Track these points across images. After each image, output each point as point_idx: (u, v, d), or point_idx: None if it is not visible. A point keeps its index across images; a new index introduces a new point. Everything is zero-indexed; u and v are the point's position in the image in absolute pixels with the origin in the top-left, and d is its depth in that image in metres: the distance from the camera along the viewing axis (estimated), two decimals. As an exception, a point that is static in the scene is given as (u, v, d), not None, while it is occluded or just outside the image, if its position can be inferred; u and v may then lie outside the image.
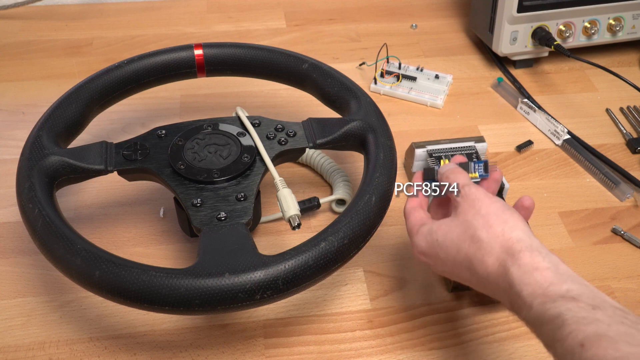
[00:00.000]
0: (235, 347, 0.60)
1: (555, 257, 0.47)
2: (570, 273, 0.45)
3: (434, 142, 0.74)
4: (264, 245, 0.69)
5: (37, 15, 1.06)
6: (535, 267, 0.45)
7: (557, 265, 0.46)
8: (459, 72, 0.95)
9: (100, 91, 0.68)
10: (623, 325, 0.39)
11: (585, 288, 0.43)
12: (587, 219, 0.73)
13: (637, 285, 0.66)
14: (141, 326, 0.62)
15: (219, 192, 0.59)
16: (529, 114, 0.86)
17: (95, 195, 0.74)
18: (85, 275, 0.51)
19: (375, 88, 0.91)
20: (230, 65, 0.73)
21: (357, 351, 0.60)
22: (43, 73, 0.94)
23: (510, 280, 0.46)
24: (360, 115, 0.65)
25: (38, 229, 0.54)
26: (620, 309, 0.41)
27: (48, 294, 0.64)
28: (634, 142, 0.82)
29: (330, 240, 0.53)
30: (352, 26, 1.05)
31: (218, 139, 0.64)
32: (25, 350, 0.60)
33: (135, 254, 0.68)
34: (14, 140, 0.82)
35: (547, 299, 0.43)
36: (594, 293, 0.43)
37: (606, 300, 0.42)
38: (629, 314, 0.41)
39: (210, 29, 1.04)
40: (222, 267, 0.50)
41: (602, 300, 0.42)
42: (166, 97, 0.88)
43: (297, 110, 0.87)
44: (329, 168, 0.75)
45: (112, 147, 0.62)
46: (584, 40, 0.93)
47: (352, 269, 0.67)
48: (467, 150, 0.73)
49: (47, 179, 0.58)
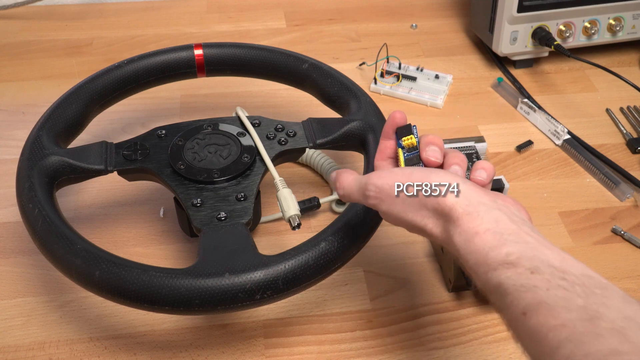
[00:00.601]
0: (235, 347, 0.60)
1: (495, 212, 0.43)
2: (510, 229, 0.42)
3: None
4: (264, 245, 0.69)
5: (37, 15, 1.06)
6: (475, 232, 0.42)
7: (497, 222, 0.42)
8: (459, 72, 0.95)
9: (100, 91, 0.68)
10: (560, 289, 0.37)
11: (525, 246, 0.41)
12: (587, 219, 0.73)
13: (637, 285, 0.66)
14: (141, 326, 0.62)
15: (219, 192, 0.59)
16: (529, 114, 0.86)
17: (95, 195, 0.74)
18: (85, 275, 0.51)
19: (375, 88, 0.91)
20: (230, 65, 0.73)
21: (357, 351, 0.60)
22: (43, 73, 0.94)
23: (457, 249, 0.43)
24: (360, 115, 0.65)
25: (38, 229, 0.54)
26: (558, 268, 0.39)
27: (48, 294, 0.64)
28: (634, 142, 0.82)
29: (330, 240, 0.53)
30: (352, 26, 1.05)
31: (218, 139, 0.64)
32: (25, 350, 0.60)
33: (135, 254, 0.68)
34: (14, 140, 0.82)
35: (488, 267, 0.41)
36: (534, 251, 0.40)
37: (545, 260, 0.39)
38: (567, 272, 0.38)
39: (210, 29, 1.04)
40: (222, 267, 0.50)
41: (541, 260, 0.39)
42: (166, 97, 0.88)
43: (297, 110, 0.87)
44: (329, 168, 0.75)
45: (112, 147, 0.62)
46: (584, 40, 0.93)
47: (352, 269, 0.67)
48: (467, 150, 0.73)
49: (47, 179, 0.58)
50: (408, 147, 0.51)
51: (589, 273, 0.39)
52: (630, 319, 0.35)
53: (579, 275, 0.38)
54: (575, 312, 0.36)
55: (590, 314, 0.35)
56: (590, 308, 0.36)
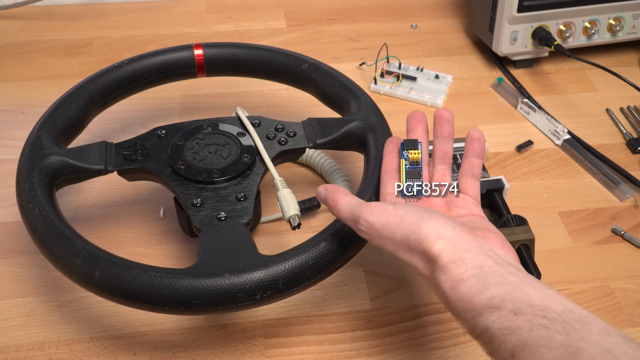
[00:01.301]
0: (235, 347, 0.60)
1: (481, 257, 0.43)
2: (494, 272, 0.42)
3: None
4: (264, 245, 0.69)
5: (37, 15, 1.06)
6: (461, 279, 0.43)
7: (481, 268, 0.43)
8: (459, 72, 0.95)
9: (100, 91, 0.68)
10: (542, 328, 0.38)
11: (508, 287, 0.41)
12: (587, 219, 0.73)
13: (637, 285, 0.66)
14: (141, 326, 0.62)
15: (219, 192, 0.59)
16: (529, 114, 0.86)
17: (95, 195, 0.74)
18: (85, 275, 0.51)
19: (375, 88, 0.91)
20: (230, 65, 0.73)
21: (357, 351, 0.60)
22: (43, 73, 0.94)
23: (444, 294, 0.44)
24: (360, 115, 0.65)
25: (38, 229, 0.54)
26: (539, 306, 0.39)
27: (48, 294, 0.64)
28: (634, 142, 0.82)
29: (330, 240, 0.53)
30: (352, 26, 1.05)
31: (218, 139, 0.64)
32: (25, 350, 0.60)
33: (135, 254, 0.68)
34: (14, 140, 0.82)
35: (474, 312, 0.41)
36: (517, 291, 0.41)
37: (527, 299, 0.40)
38: (548, 310, 0.39)
39: (210, 29, 1.04)
40: (222, 267, 0.50)
41: (522, 300, 0.40)
42: (166, 97, 0.88)
43: (297, 110, 0.87)
44: (329, 168, 0.75)
45: (112, 147, 0.62)
46: (584, 40, 0.93)
47: (352, 269, 0.67)
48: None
49: (47, 179, 0.58)
50: (411, 161, 0.55)
51: (570, 307, 0.39)
52: (609, 351, 0.36)
53: (560, 311, 0.39)
54: (556, 351, 0.36)
55: (570, 351, 0.36)
56: (570, 345, 0.36)
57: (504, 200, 0.68)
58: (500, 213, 0.66)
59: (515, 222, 0.64)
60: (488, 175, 0.70)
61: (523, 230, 0.63)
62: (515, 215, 0.64)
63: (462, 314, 0.42)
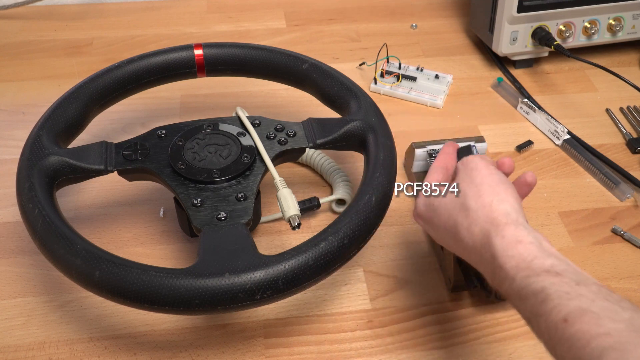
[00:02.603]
0: (235, 347, 0.60)
1: (539, 235, 0.46)
2: (553, 251, 0.45)
3: (433, 142, 0.74)
4: (264, 245, 0.69)
5: (37, 15, 1.06)
6: (519, 240, 0.45)
7: (540, 242, 0.45)
8: (459, 72, 0.95)
9: (100, 91, 0.68)
10: (607, 302, 0.39)
11: (569, 266, 0.43)
12: (587, 219, 0.73)
13: (637, 285, 0.66)
14: (141, 326, 0.62)
15: (219, 192, 0.59)
16: (529, 114, 0.86)
17: (95, 195, 0.74)
18: (85, 275, 0.51)
19: (375, 88, 0.91)
20: (230, 65, 0.73)
21: (357, 351, 0.60)
22: (43, 73, 0.94)
23: (494, 251, 0.45)
24: (360, 115, 0.65)
25: (38, 229, 0.54)
26: (603, 287, 0.41)
27: (48, 294, 0.64)
28: (634, 142, 0.82)
29: (330, 240, 0.53)
30: (352, 26, 1.05)
31: (218, 139, 0.64)
32: (25, 350, 0.60)
33: (135, 254, 0.68)
34: (14, 140, 0.82)
35: (530, 272, 0.42)
36: (578, 271, 0.43)
37: (589, 278, 0.42)
38: (611, 293, 0.40)
39: (210, 29, 1.04)
40: (222, 267, 0.50)
41: (586, 277, 0.42)
42: (166, 97, 0.88)
43: (297, 110, 0.87)
44: (329, 168, 0.75)
45: (112, 147, 0.62)
46: (584, 40, 0.93)
47: (352, 269, 0.67)
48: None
49: (47, 179, 0.58)
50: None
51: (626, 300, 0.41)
52: None
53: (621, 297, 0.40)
54: (621, 323, 0.37)
55: (636, 326, 0.36)
56: (636, 322, 0.37)
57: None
58: None
59: None
60: None
61: None
62: None
63: (513, 270, 0.43)
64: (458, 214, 0.50)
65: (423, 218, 0.54)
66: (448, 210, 0.51)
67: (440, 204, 0.52)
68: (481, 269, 0.48)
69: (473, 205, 0.49)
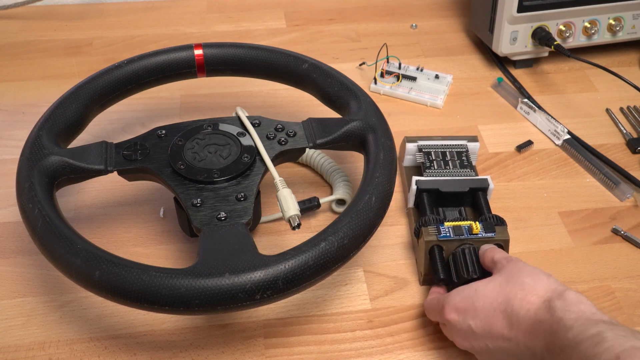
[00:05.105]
0: (235, 347, 0.60)
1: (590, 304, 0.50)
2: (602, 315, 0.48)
3: (426, 138, 0.74)
4: (264, 245, 0.69)
5: (37, 15, 1.06)
6: (580, 301, 0.48)
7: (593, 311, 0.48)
8: (459, 72, 0.95)
9: (100, 91, 0.68)
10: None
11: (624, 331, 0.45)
12: (587, 219, 0.73)
13: (637, 285, 0.66)
14: (141, 326, 0.62)
15: (219, 192, 0.59)
16: (529, 114, 0.86)
17: (95, 195, 0.74)
18: (85, 275, 0.51)
19: (375, 88, 0.91)
20: (230, 65, 0.73)
21: (357, 351, 0.60)
22: (43, 73, 0.94)
23: (553, 310, 0.48)
24: (360, 115, 0.65)
25: (38, 229, 0.54)
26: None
27: (48, 294, 0.64)
28: (634, 142, 0.82)
29: (330, 240, 0.53)
30: (352, 26, 1.05)
31: (218, 139, 0.64)
32: (25, 350, 0.60)
33: (135, 254, 0.68)
34: (14, 140, 0.82)
35: (589, 322, 0.46)
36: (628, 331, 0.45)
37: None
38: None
39: (210, 29, 1.04)
40: (222, 267, 0.50)
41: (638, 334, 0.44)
42: (166, 97, 0.88)
43: (297, 110, 0.87)
44: (329, 168, 0.75)
45: (112, 147, 0.62)
46: (584, 40, 0.93)
47: (352, 269, 0.67)
48: (459, 149, 0.73)
49: (47, 179, 0.58)
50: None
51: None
52: None
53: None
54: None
55: None
56: None
57: (487, 200, 0.68)
58: (482, 212, 0.66)
59: (494, 222, 0.64)
60: (476, 174, 0.70)
61: (500, 231, 0.63)
62: (495, 215, 0.64)
63: (571, 322, 0.46)
64: (511, 289, 0.52)
65: (458, 308, 0.55)
66: (497, 290, 0.53)
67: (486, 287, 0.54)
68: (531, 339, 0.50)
69: (530, 281, 0.52)
